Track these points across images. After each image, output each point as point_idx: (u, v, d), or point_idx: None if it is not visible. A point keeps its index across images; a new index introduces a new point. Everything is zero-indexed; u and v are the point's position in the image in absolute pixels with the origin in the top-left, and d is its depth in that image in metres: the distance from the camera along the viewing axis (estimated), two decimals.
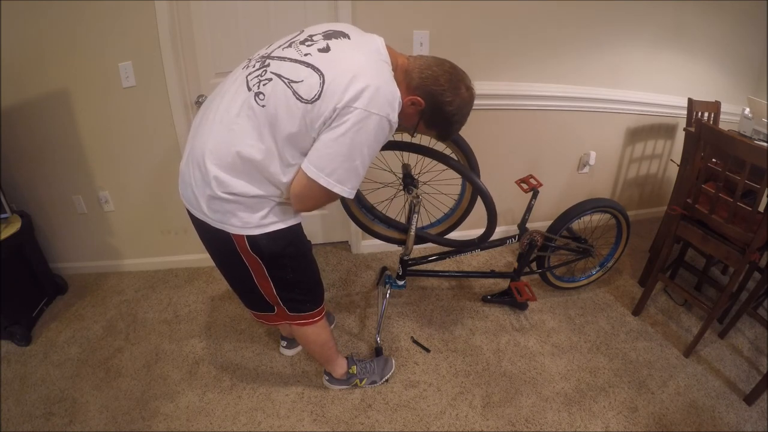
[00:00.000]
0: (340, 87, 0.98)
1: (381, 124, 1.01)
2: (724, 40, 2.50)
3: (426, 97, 1.12)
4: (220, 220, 1.12)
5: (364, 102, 0.98)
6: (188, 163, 1.13)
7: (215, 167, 1.05)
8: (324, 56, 1.03)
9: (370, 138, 1.01)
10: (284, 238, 1.19)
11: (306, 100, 1.00)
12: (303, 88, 1.00)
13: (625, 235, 2.13)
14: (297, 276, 1.30)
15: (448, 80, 1.12)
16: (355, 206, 1.84)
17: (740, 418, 1.64)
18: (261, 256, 1.19)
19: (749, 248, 1.58)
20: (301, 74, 1.01)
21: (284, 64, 1.05)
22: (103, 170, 2.09)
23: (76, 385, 1.72)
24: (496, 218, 1.68)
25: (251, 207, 1.11)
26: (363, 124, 0.99)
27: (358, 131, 0.99)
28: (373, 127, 1.00)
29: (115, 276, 2.34)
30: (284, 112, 1.01)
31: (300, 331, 1.47)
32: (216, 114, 1.08)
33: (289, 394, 1.68)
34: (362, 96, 0.97)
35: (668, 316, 2.12)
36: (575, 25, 2.14)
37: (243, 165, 1.05)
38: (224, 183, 1.06)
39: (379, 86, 0.99)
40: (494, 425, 1.59)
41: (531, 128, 2.35)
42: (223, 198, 1.08)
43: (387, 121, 1.02)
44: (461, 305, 2.14)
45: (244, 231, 1.13)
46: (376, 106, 0.99)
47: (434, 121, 1.19)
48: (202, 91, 1.98)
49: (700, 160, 1.72)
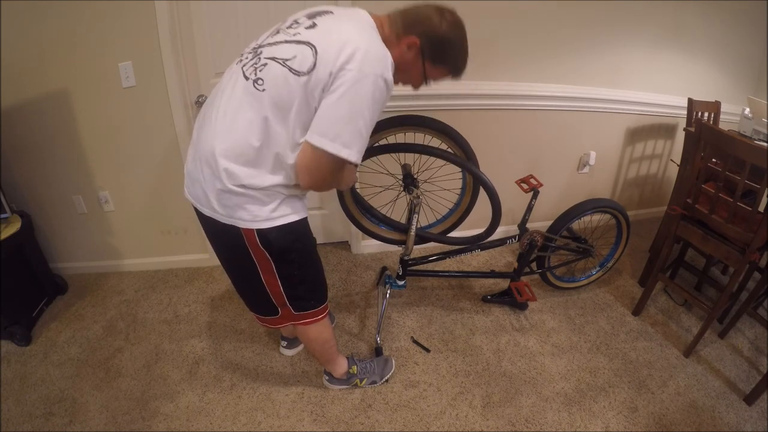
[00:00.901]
0: (333, 53, 1.00)
1: (377, 84, 1.02)
2: (724, 40, 2.50)
3: (417, 32, 1.13)
4: (229, 215, 1.14)
5: (357, 63, 0.99)
6: (195, 162, 1.15)
7: (225, 159, 1.07)
8: (312, 31, 1.06)
9: (368, 98, 1.02)
10: (293, 232, 1.21)
11: (303, 72, 1.02)
12: (297, 63, 1.02)
13: (625, 235, 2.13)
14: (303, 272, 1.31)
15: (430, 9, 1.15)
16: (355, 208, 1.84)
17: (740, 418, 1.64)
18: (270, 251, 1.20)
19: (749, 248, 1.58)
20: (293, 51, 1.04)
21: (276, 47, 1.07)
22: (103, 170, 2.09)
23: (76, 385, 1.72)
24: (500, 208, 1.67)
25: (261, 200, 1.12)
26: (359, 85, 1.00)
27: (356, 92, 1.01)
28: (370, 86, 1.01)
29: (115, 276, 2.34)
30: (285, 90, 1.03)
31: (303, 329, 1.47)
32: (218, 110, 1.10)
33: (289, 394, 1.68)
34: (354, 58, 0.99)
35: (668, 316, 2.12)
36: (575, 25, 2.14)
37: (252, 153, 1.07)
38: (234, 174, 1.08)
39: (369, 48, 1.02)
40: (494, 425, 1.59)
41: (531, 128, 2.35)
42: (233, 191, 1.09)
43: (382, 80, 1.02)
44: (461, 305, 2.14)
45: (254, 225, 1.14)
46: (369, 66, 1.00)
47: (437, 53, 1.17)
48: (202, 91, 1.98)
49: (700, 160, 1.72)
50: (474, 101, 2.17)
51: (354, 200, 1.82)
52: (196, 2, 1.78)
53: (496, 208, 1.67)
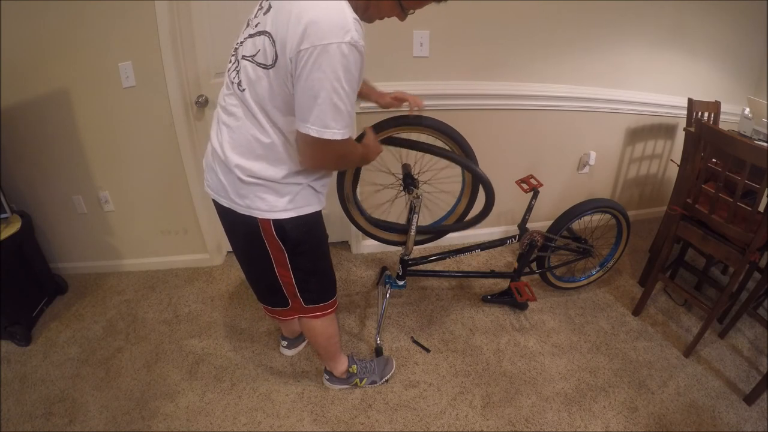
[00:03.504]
0: (287, 37, 0.95)
1: (340, 50, 0.93)
2: (724, 40, 2.50)
3: None
4: (247, 206, 1.16)
5: (311, 40, 0.92)
6: (212, 156, 1.18)
7: (236, 155, 1.11)
8: (267, 16, 1.02)
9: (335, 70, 0.94)
10: (308, 224, 1.23)
11: (269, 65, 1.00)
12: (261, 57, 1.01)
13: (625, 235, 2.13)
14: (315, 265, 1.34)
15: None
16: (355, 210, 1.84)
17: (740, 418, 1.64)
18: (285, 241, 1.22)
19: (749, 248, 1.58)
20: (257, 46, 1.03)
21: (245, 44, 1.07)
22: (103, 170, 2.09)
23: (76, 385, 1.72)
24: (493, 197, 1.65)
25: (277, 191, 1.14)
26: (321, 61, 0.93)
27: (320, 70, 0.94)
28: (333, 58, 0.93)
29: (115, 276, 2.34)
30: (261, 87, 1.03)
31: (310, 323, 1.48)
32: (221, 116, 1.15)
33: (289, 394, 1.68)
34: (306, 35, 0.92)
35: (668, 316, 2.12)
36: (575, 25, 2.14)
37: (259, 147, 1.09)
38: (246, 168, 1.11)
39: (319, 17, 0.92)
40: (494, 425, 1.59)
41: (531, 128, 2.35)
42: (248, 182, 1.12)
43: (345, 45, 0.93)
44: (461, 305, 2.14)
45: (271, 215, 1.16)
46: (324, 37, 0.92)
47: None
48: (202, 91, 1.98)
49: (700, 160, 1.72)
50: (474, 101, 2.17)
51: (355, 204, 1.82)
52: (196, 2, 1.78)
53: (489, 196, 1.65)
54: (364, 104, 1.88)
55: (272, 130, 1.08)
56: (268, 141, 1.08)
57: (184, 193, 2.16)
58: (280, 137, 1.09)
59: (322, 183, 1.24)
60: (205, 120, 2.05)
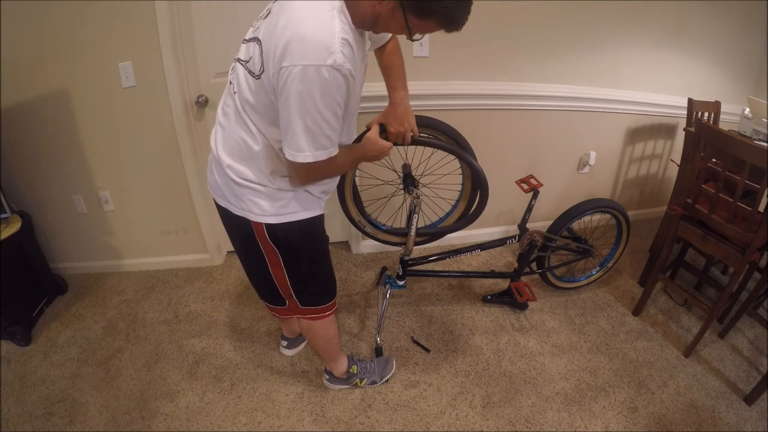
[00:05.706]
0: (273, 49, 0.91)
1: (319, 74, 0.88)
2: (724, 40, 2.50)
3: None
4: (241, 207, 1.16)
5: (291, 57, 0.88)
6: (211, 155, 1.20)
7: (227, 156, 1.12)
8: (265, 22, 0.99)
9: (311, 92, 0.90)
10: (302, 229, 1.21)
11: (257, 74, 1.00)
12: (251, 64, 1.01)
13: (625, 235, 2.13)
14: (311, 268, 1.32)
15: None
16: (355, 210, 1.84)
17: (740, 418, 1.64)
18: (277, 245, 1.21)
19: (749, 248, 1.58)
20: (251, 51, 1.01)
21: (243, 47, 1.07)
22: (103, 170, 2.09)
23: (76, 385, 1.72)
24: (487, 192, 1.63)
25: (269, 195, 1.14)
26: (299, 81, 0.89)
27: (297, 91, 0.90)
28: (310, 79, 0.89)
29: (115, 276, 2.34)
30: (249, 93, 1.03)
31: (308, 324, 1.47)
32: (218, 115, 1.17)
33: (289, 394, 1.68)
34: (288, 52, 0.88)
35: (668, 316, 2.12)
36: (575, 25, 2.14)
37: (248, 151, 1.09)
38: (237, 170, 1.11)
39: (304, 34, 0.88)
40: (494, 425, 1.59)
41: (531, 128, 2.35)
42: (241, 184, 1.12)
43: (326, 68, 0.88)
44: (461, 305, 2.14)
45: (263, 219, 1.16)
46: (303, 56, 0.88)
47: (419, 6, 0.94)
48: (202, 91, 1.98)
49: (700, 160, 1.72)
50: (474, 101, 2.17)
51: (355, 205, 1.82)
52: (196, 2, 1.78)
53: (483, 192, 1.64)
54: (364, 104, 1.88)
55: (260, 137, 1.07)
56: (257, 147, 1.08)
57: (184, 193, 2.16)
58: (267, 144, 1.08)
59: (321, 189, 1.23)
60: (205, 120, 2.05)
